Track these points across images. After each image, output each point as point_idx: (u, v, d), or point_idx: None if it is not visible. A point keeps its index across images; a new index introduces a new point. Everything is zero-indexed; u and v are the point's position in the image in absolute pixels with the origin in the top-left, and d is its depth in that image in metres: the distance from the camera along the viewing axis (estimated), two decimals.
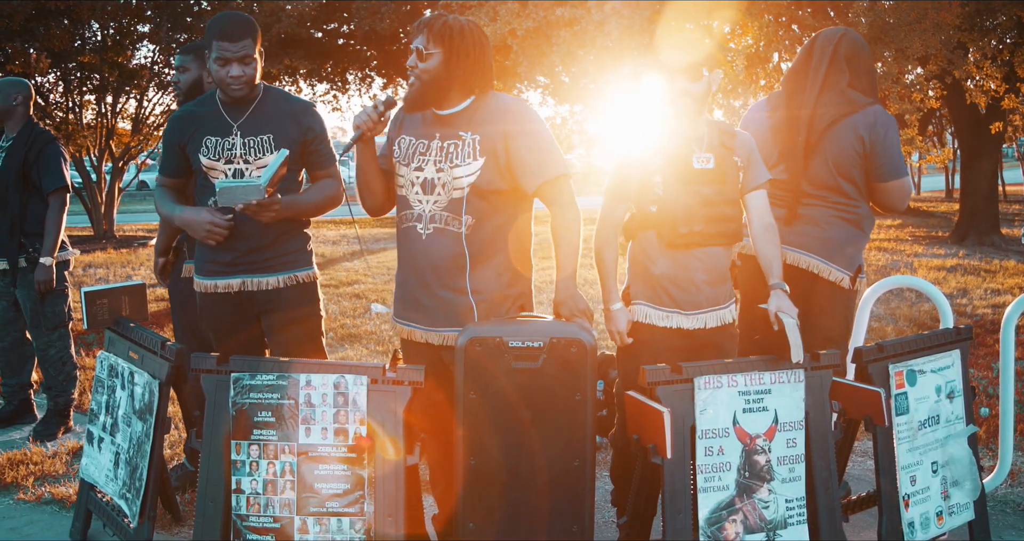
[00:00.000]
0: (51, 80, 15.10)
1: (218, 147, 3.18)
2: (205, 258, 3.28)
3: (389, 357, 6.02)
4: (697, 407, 2.77)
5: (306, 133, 3.22)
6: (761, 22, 10.68)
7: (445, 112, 2.91)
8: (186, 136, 3.22)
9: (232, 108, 3.21)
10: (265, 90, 3.25)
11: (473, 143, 2.85)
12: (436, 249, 2.89)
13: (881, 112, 3.39)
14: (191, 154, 3.23)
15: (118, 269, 11.61)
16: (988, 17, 11.82)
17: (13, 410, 4.90)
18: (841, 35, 3.48)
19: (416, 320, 2.98)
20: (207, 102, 3.27)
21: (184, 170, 3.31)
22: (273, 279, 3.25)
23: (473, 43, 2.83)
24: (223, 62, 3.08)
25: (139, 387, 3.18)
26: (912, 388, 3.14)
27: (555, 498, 2.71)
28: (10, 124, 4.67)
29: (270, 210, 3.06)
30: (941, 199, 26.63)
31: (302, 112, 3.24)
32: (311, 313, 3.35)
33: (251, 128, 3.18)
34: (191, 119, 3.24)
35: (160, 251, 3.94)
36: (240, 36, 3.06)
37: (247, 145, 3.17)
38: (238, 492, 2.85)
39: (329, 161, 3.31)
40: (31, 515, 3.73)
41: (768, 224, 3.05)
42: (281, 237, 3.24)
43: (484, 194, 2.86)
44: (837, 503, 2.93)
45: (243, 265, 3.23)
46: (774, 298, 2.96)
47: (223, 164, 3.18)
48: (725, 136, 3.03)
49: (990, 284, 9.55)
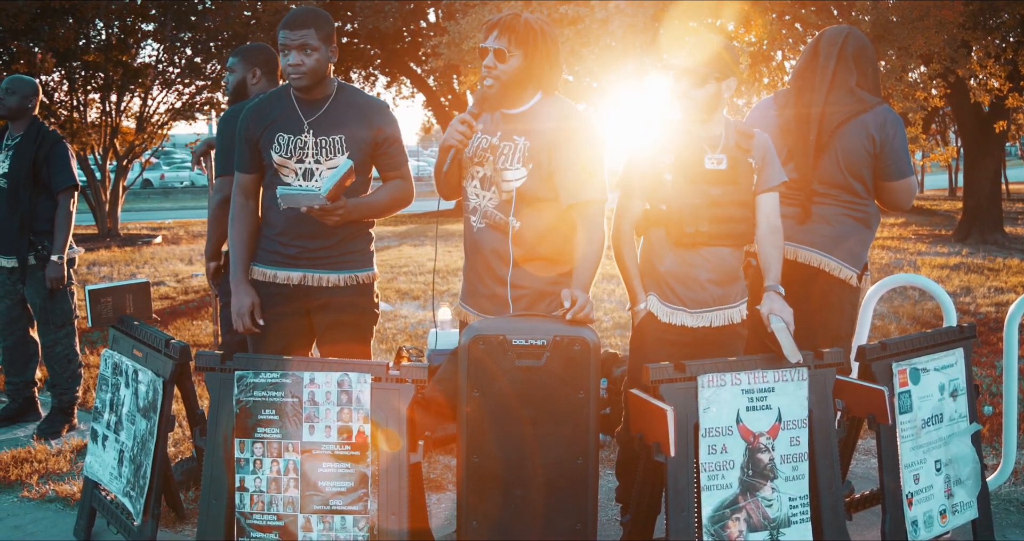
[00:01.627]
0: (55, 79, 15.13)
1: (290, 145, 3.14)
2: (269, 248, 3.25)
3: (393, 355, 6.04)
4: (700, 405, 2.77)
5: (378, 134, 3.17)
6: (765, 20, 10.66)
7: (512, 111, 2.95)
8: (259, 131, 3.17)
9: (305, 105, 3.16)
10: (339, 88, 3.20)
11: (524, 149, 2.88)
12: (485, 242, 2.97)
13: (890, 111, 3.41)
14: (263, 149, 3.18)
15: (122, 267, 11.64)
16: (991, 15, 11.80)
17: (17, 408, 4.91)
18: (847, 34, 3.49)
19: (471, 305, 3.09)
20: (282, 96, 3.21)
21: (258, 164, 3.23)
22: (334, 277, 3.21)
23: (552, 43, 2.87)
24: (285, 50, 3.05)
25: (143, 385, 3.19)
26: (915, 386, 3.14)
27: (558, 496, 2.71)
28: (18, 123, 4.69)
29: (334, 214, 3.04)
30: (944, 197, 26.61)
31: (375, 113, 3.18)
32: (366, 313, 3.32)
33: (323, 127, 3.14)
34: (264, 113, 3.19)
35: (210, 255, 3.92)
36: (301, 25, 3.04)
37: (319, 145, 3.14)
38: (242, 490, 2.85)
39: (400, 163, 3.27)
40: (35, 513, 3.74)
41: (775, 227, 3.05)
42: (346, 236, 3.21)
43: (530, 200, 2.90)
44: (840, 501, 2.93)
45: (306, 259, 3.20)
46: (767, 300, 2.96)
47: (294, 162, 3.14)
48: (742, 137, 3.03)
49: (993, 282, 9.53)
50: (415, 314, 8.02)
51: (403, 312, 8.12)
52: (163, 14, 15.14)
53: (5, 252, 4.63)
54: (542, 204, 2.91)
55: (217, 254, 3.91)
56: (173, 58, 16.19)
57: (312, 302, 3.24)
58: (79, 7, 13.62)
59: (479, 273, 3.02)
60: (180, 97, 16.92)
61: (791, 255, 3.44)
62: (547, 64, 2.88)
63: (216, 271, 3.94)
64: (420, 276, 10.34)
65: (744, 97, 11.67)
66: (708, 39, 3.03)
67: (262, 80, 3.89)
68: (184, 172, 37.27)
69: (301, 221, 3.15)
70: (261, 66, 3.90)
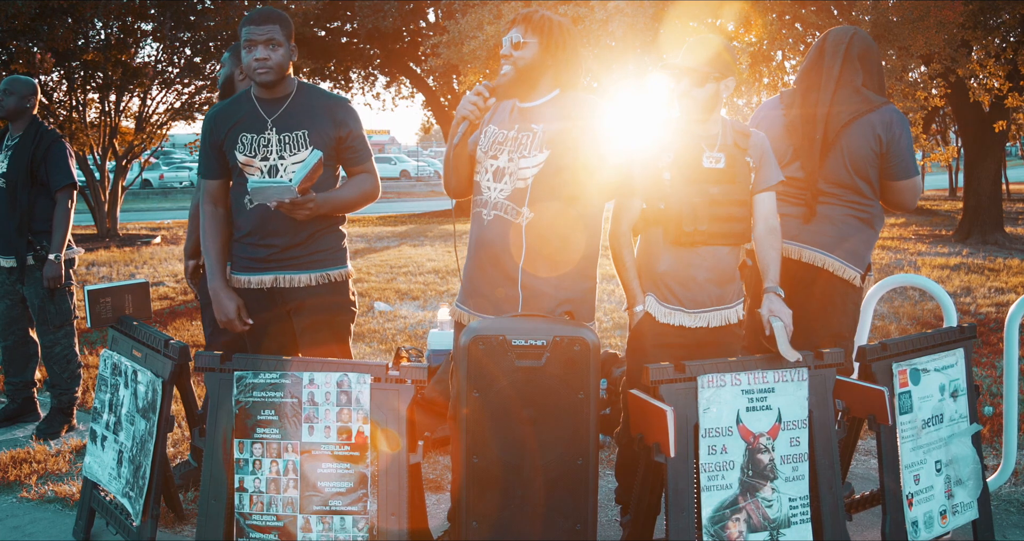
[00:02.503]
0: (54, 78, 15.13)
1: (254, 143, 3.17)
2: (241, 254, 3.27)
3: (392, 355, 6.04)
4: (700, 406, 2.77)
5: (340, 129, 3.21)
6: (765, 20, 10.66)
7: (529, 104, 2.95)
8: (222, 134, 3.21)
9: (267, 104, 3.20)
10: (299, 86, 3.24)
11: (542, 135, 2.88)
12: (494, 235, 2.93)
13: (896, 112, 3.41)
14: (227, 151, 3.21)
15: (121, 267, 11.63)
16: (992, 15, 11.80)
17: (16, 408, 4.90)
18: (852, 34, 3.49)
19: (469, 304, 3.03)
20: (242, 100, 3.26)
21: (223, 169, 3.28)
22: (305, 277, 3.23)
23: (568, 36, 2.92)
24: (250, 45, 3.10)
25: (142, 385, 3.18)
26: (916, 387, 3.14)
27: (558, 496, 2.70)
28: (17, 123, 4.69)
29: (304, 208, 3.05)
30: (944, 198, 26.61)
31: (337, 108, 3.23)
32: (342, 312, 3.33)
33: (286, 124, 3.17)
34: (226, 117, 3.23)
35: (189, 254, 3.91)
36: (266, 21, 3.10)
37: (282, 141, 3.17)
38: (241, 490, 2.85)
39: (365, 157, 3.31)
40: (34, 514, 3.73)
41: (772, 228, 3.05)
42: (316, 235, 3.23)
43: (547, 190, 2.88)
44: (840, 502, 2.93)
45: (276, 262, 3.22)
46: (767, 302, 2.96)
47: (259, 161, 3.17)
48: (739, 136, 3.03)
49: (994, 283, 9.53)
50: (414, 314, 8.01)
51: (402, 312, 8.12)
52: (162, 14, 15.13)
53: (4, 252, 4.63)
54: (560, 196, 2.89)
55: (196, 252, 3.89)
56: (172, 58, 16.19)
57: (288, 304, 3.26)
58: (78, 7, 13.61)
59: (485, 269, 2.97)
60: (179, 97, 16.93)
61: (795, 254, 3.44)
62: (563, 56, 2.89)
63: (195, 270, 3.94)
64: (419, 276, 10.34)
65: (744, 97, 11.67)
66: (708, 39, 3.03)
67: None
68: (183, 172, 37.28)
69: (269, 220, 3.16)
70: None
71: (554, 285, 2.92)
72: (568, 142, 2.85)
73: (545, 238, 2.89)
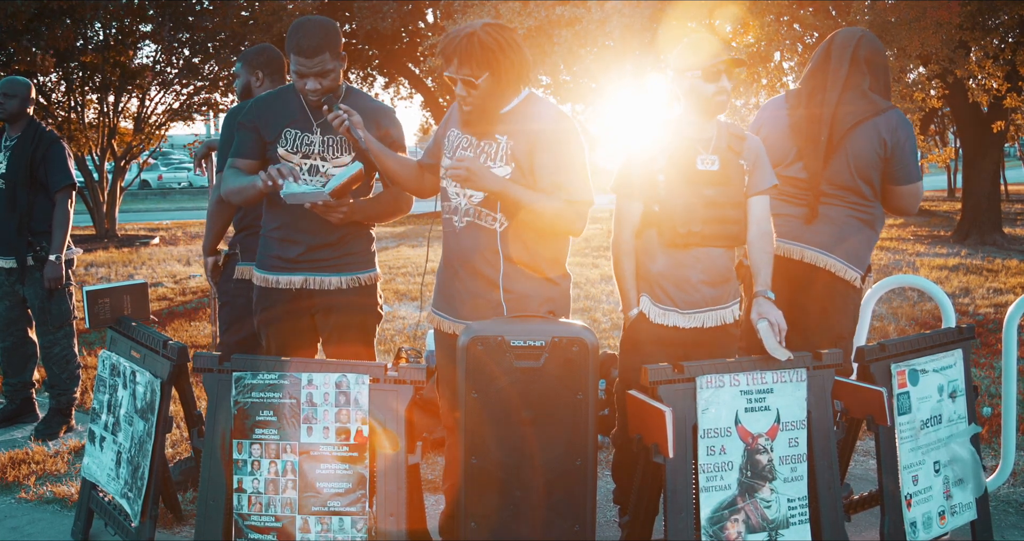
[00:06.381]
0: (53, 79, 15.14)
1: (297, 141, 3.16)
2: (269, 253, 3.25)
3: (392, 356, 6.03)
4: (699, 406, 2.77)
5: (384, 138, 3.18)
6: (763, 21, 10.67)
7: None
8: (264, 122, 3.18)
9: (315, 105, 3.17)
10: (347, 91, 3.22)
11: (506, 148, 2.86)
12: (468, 243, 2.91)
13: (901, 116, 3.41)
14: (269, 144, 3.19)
15: (120, 268, 11.63)
16: (990, 16, 11.81)
17: (15, 409, 4.90)
18: (860, 36, 3.49)
19: (446, 311, 3.02)
20: (289, 95, 3.22)
21: (260, 152, 3.22)
22: (336, 279, 3.21)
23: (514, 52, 2.80)
24: (300, 76, 3.05)
25: (141, 386, 3.18)
26: (914, 387, 3.14)
27: (556, 497, 2.71)
28: (16, 124, 4.70)
29: (337, 211, 3.06)
30: (943, 198, 26.61)
31: (381, 116, 3.21)
32: (369, 314, 3.32)
33: (331, 127, 3.14)
34: (273, 110, 3.20)
35: (208, 250, 3.92)
36: (316, 51, 3.00)
37: (326, 143, 3.17)
38: (240, 491, 2.85)
39: None
40: (33, 514, 3.73)
41: (765, 232, 3.06)
42: (346, 237, 3.22)
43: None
44: (839, 503, 2.93)
45: (306, 263, 3.20)
46: (756, 306, 2.97)
47: (299, 158, 3.16)
48: (733, 139, 3.03)
49: (992, 283, 9.54)
50: (413, 315, 8.01)
51: (401, 313, 8.12)
52: (161, 15, 15.14)
53: (3, 253, 4.63)
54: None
55: (215, 249, 3.91)
56: (171, 59, 16.20)
57: (315, 304, 3.24)
58: (77, 8, 13.61)
59: (460, 277, 2.96)
60: (178, 98, 16.94)
61: (797, 255, 3.44)
62: (515, 72, 2.82)
63: (215, 267, 3.94)
64: (418, 277, 10.34)
65: (743, 98, 11.68)
66: (707, 37, 3.05)
67: (265, 81, 3.89)
68: (182, 173, 37.26)
69: (302, 217, 3.16)
70: (263, 68, 3.90)
71: (534, 287, 2.92)
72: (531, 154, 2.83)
73: (522, 241, 2.89)
